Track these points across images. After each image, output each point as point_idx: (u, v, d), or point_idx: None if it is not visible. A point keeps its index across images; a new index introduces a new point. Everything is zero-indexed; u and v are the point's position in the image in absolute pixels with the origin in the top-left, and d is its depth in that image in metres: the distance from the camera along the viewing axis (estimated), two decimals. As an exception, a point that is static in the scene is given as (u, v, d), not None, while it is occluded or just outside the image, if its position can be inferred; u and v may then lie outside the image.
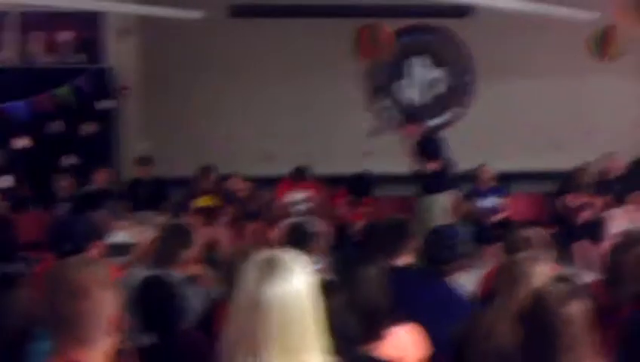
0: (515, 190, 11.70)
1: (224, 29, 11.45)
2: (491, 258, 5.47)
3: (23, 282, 4.26)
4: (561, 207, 11.11)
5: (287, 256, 2.65)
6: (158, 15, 10.26)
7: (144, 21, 11.11)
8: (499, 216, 10.90)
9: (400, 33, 12.18)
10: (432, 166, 9.75)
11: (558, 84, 12.33)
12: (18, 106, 10.62)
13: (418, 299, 4.35)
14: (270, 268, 2.55)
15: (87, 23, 11.30)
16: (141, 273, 4.91)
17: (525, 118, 12.33)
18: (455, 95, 12.65)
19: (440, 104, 12.63)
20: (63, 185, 10.38)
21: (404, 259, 4.73)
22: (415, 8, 11.20)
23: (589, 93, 12.36)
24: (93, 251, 5.48)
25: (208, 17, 10.22)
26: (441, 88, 12.66)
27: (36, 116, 10.71)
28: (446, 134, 12.09)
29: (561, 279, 4.28)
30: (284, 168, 11.09)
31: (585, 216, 10.83)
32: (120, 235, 9.93)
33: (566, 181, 11.20)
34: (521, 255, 4.20)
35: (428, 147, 9.93)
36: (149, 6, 10.42)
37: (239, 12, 11.21)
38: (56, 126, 10.90)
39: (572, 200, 11.02)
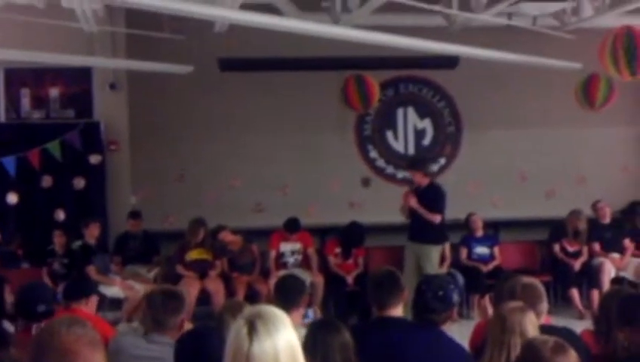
0: (506, 238, 11.73)
1: (213, 82, 11.54)
2: (482, 308, 5.43)
3: (11, 341, 4.23)
4: (553, 254, 11.10)
5: (274, 311, 2.65)
6: (149, 70, 10.34)
7: (133, 75, 11.18)
8: (490, 265, 10.88)
9: (387, 84, 12.35)
10: (437, 218, 9.66)
11: (547, 133, 12.46)
12: (8, 162, 10.63)
13: (410, 350, 4.34)
14: (258, 324, 2.55)
15: (77, 78, 11.35)
16: (131, 339, 4.86)
17: (514, 167, 12.43)
18: (442, 145, 12.73)
19: (427, 155, 12.68)
20: (56, 240, 10.35)
21: (396, 311, 4.73)
22: (402, 60, 11.30)
23: (578, 141, 12.50)
24: (87, 307, 5.47)
25: (197, 71, 10.30)
26: (428, 139, 12.73)
27: (26, 171, 10.72)
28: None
29: (553, 329, 4.30)
30: (274, 219, 11.09)
31: (578, 263, 10.84)
32: (111, 290, 9.91)
33: (558, 228, 11.22)
34: (513, 305, 4.20)
35: (434, 198, 9.82)
36: (138, 61, 10.50)
37: (228, 66, 11.29)
38: (46, 181, 10.88)
39: (565, 247, 11.03)
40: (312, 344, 3.94)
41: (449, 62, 11.25)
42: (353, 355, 4.01)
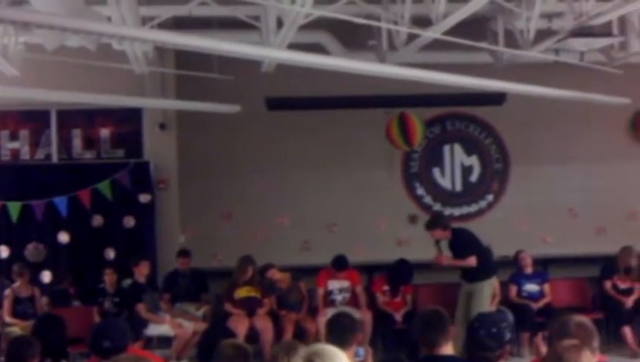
0: (556, 275, 11.57)
1: (260, 121, 11.65)
2: (536, 347, 5.37)
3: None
4: (605, 291, 10.94)
5: (332, 349, 2.67)
6: (198, 110, 10.48)
7: (182, 115, 11.35)
8: (540, 303, 10.75)
9: (433, 121, 12.37)
10: (470, 262, 9.74)
11: (596, 168, 12.35)
12: (60, 202, 10.81)
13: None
14: (317, 362, 2.57)
15: (127, 119, 11.55)
16: None
17: (563, 203, 12.32)
18: (489, 181, 12.67)
19: (474, 191, 12.64)
20: (106, 278, 10.47)
21: (446, 349, 4.71)
22: (448, 97, 11.33)
23: (628, 176, 12.34)
24: (133, 348, 5.52)
25: (245, 111, 10.41)
26: (475, 175, 12.69)
27: (77, 211, 10.89)
28: (482, 221, 12.16)
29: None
30: (321, 257, 11.09)
31: (630, 300, 10.66)
32: (160, 328, 9.97)
33: (609, 265, 11.05)
34: (569, 343, 4.14)
35: (460, 245, 9.93)
36: (187, 101, 10.66)
37: (275, 105, 11.40)
38: (97, 220, 11.04)
39: (616, 284, 10.87)
40: None
41: (496, 98, 11.25)
42: None
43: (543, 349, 5.09)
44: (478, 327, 4.48)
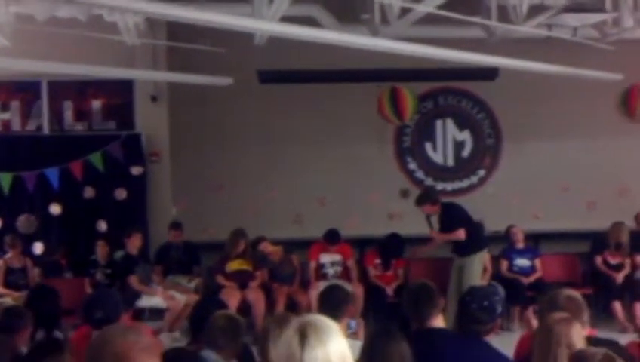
0: (547, 250, 11.63)
1: (252, 94, 11.61)
2: (526, 320, 5.42)
3: (66, 348, 4.31)
4: (595, 267, 11.00)
5: (324, 320, 2.67)
6: (189, 82, 10.44)
7: (173, 88, 11.31)
8: (531, 278, 10.80)
9: (426, 96, 12.36)
10: (459, 235, 9.84)
11: (588, 144, 12.37)
12: (51, 173, 10.79)
13: (457, 360, 4.33)
14: (309, 333, 2.57)
15: (118, 91, 11.52)
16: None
17: (554, 178, 12.34)
18: (481, 157, 12.69)
19: (466, 166, 12.66)
20: (98, 250, 10.47)
21: (436, 321, 4.74)
22: (441, 72, 11.29)
23: (620, 152, 12.36)
24: (125, 319, 5.54)
25: (237, 83, 10.38)
26: (467, 150, 12.70)
27: (69, 182, 10.87)
28: (474, 196, 12.19)
29: (598, 341, 4.27)
30: (313, 231, 11.13)
31: (621, 276, 10.72)
32: (152, 300, 10.00)
33: (600, 240, 11.10)
34: (559, 316, 4.18)
35: (449, 219, 10.01)
36: (179, 73, 10.61)
37: (267, 78, 11.35)
38: (88, 192, 11.02)
39: (607, 260, 10.92)
40: (371, 352, 3.97)
41: (488, 73, 11.22)
42: None
43: (534, 323, 5.15)
44: (470, 301, 4.52)
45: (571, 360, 3.47)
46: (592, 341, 4.23)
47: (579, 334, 4.04)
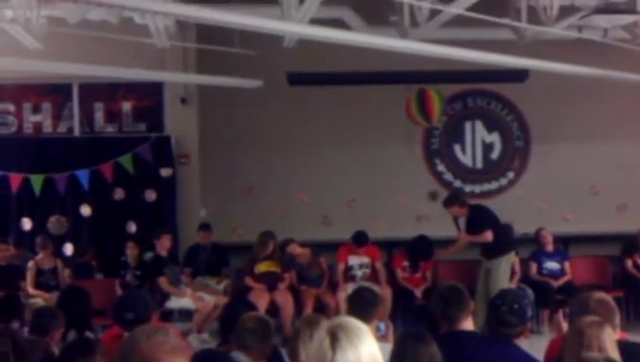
0: (576, 253, 11.55)
1: (282, 96, 11.63)
2: (557, 324, 5.38)
3: (98, 349, 4.35)
4: (626, 270, 10.92)
5: (355, 322, 2.68)
6: (219, 84, 10.49)
7: (203, 90, 11.37)
8: (560, 281, 10.74)
9: (455, 98, 12.33)
10: (487, 236, 9.78)
11: (618, 146, 12.25)
12: (82, 175, 10.88)
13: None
14: (340, 335, 2.58)
15: (148, 93, 11.61)
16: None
17: (584, 181, 12.25)
18: (510, 159, 12.63)
19: (495, 168, 12.61)
20: (128, 252, 10.56)
21: (466, 324, 4.73)
22: (470, 74, 11.26)
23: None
24: (153, 319, 5.58)
25: (266, 86, 10.42)
26: (496, 152, 12.66)
27: (99, 184, 10.96)
28: (502, 199, 12.13)
29: (630, 345, 4.24)
30: (341, 233, 11.12)
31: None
32: (181, 301, 10.05)
33: (630, 243, 11.02)
34: (590, 319, 4.15)
35: (476, 221, 9.97)
36: (209, 75, 10.66)
37: (296, 80, 11.38)
38: (119, 194, 11.11)
39: (637, 262, 10.83)
40: (402, 354, 3.98)
41: (518, 75, 11.16)
42: None
43: (564, 326, 5.11)
44: (500, 304, 4.50)
45: None
46: (622, 345, 4.20)
47: (610, 338, 4.02)
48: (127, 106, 11.66)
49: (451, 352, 4.19)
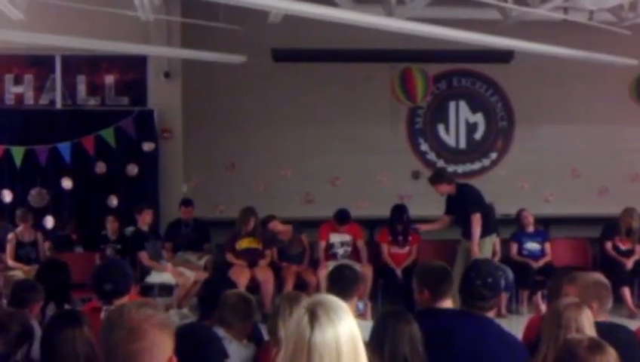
0: (557, 235, 11.61)
1: (266, 72, 11.59)
2: (535, 304, 5.41)
3: (83, 320, 4.33)
4: (605, 252, 10.98)
5: (335, 300, 2.66)
6: (203, 59, 10.42)
7: (187, 64, 11.29)
8: (540, 262, 10.79)
9: (440, 78, 12.32)
10: (476, 219, 9.78)
11: (601, 129, 12.32)
12: (63, 148, 10.81)
13: (460, 336, 4.31)
14: (319, 313, 2.57)
15: (132, 66, 11.52)
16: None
17: (566, 163, 12.31)
18: (493, 139, 12.66)
19: (478, 149, 12.63)
20: (109, 225, 10.51)
21: (446, 303, 4.73)
22: (455, 53, 11.26)
23: (633, 138, 12.32)
24: (133, 293, 5.56)
25: (250, 62, 10.37)
26: (480, 133, 12.67)
27: (81, 157, 10.89)
28: (485, 179, 12.15)
29: (610, 326, 4.27)
30: (324, 210, 11.12)
31: (631, 261, 10.70)
32: (162, 276, 10.03)
33: (610, 226, 11.07)
34: (569, 301, 4.18)
35: (465, 202, 9.97)
36: (193, 50, 10.59)
37: (281, 56, 11.34)
38: (100, 167, 11.04)
39: (617, 245, 10.90)
40: (381, 332, 4.00)
41: (503, 56, 11.18)
42: (420, 346, 4.05)
43: (543, 307, 5.14)
44: (474, 277, 4.49)
45: (559, 349, 3.46)
46: (603, 326, 4.23)
47: (589, 319, 4.04)
48: (110, 79, 11.57)
49: (429, 328, 4.20)
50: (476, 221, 9.80)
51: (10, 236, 10.17)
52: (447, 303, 4.73)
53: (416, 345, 4.05)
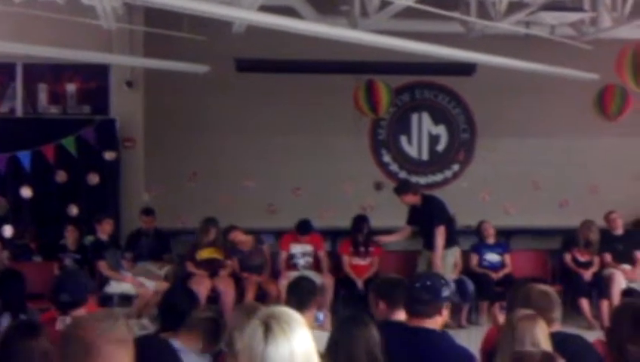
0: (517, 246, 11.71)
1: (229, 82, 11.57)
2: (493, 316, 5.44)
3: (41, 331, 4.26)
4: (565, 264, 11.08)
5: (289, 312, 2.66)
6: (166, 69, 10.38)
7: (150, 74, 11.22)
8: (500, 273, 10.86)
9: (402, 90, 12.38)
10: (440, 231, 9.86)
11: (561, 142, 12.46)
12: (23, 156, 10.68)
13: (407, 348, 4.32)
14: (273, 325, 2.56)
15: (94, 75, 11.43)
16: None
17: (527, 175, 12.41)
18: (456, 151, 12.73)
19: (440, 160, 12.70)
20: (68, 235, 10.40)
21: (403, 314, 4.73)
22: (418, 66, 11.33)
23: (592, 151, 12.47)
24: (90, 303, 5.51)
25: (214, 71, 10.34)
26: (442, 144, 12.75)
27: (41, 166, 10.77)
28: (447, 190, 12.22)
29: (566, 337, 4.30)
30: (286, 221, 11.12)
31: (589, 273, 10.80)
32: (121, 286, 9.95)
33: (570, 238, 11.19)
34: (523, 313, 4.20)
35: (431, 213, 10.04)
36: (156, 59, 10.54)
37: (245, 66, 11.32)
38: (61, 176, 10.92)
39: (576, 257, 11.00)
40: (337, 337, 3.97)
41: (466, 69, 11.27)
42: (378, 351, 3.99)
43: (500, 318, 5.16)
44: (414, 281, 4.53)
45: (511, 361, 3.47)
46: (558, 336, 4.25)
47: (544, 331, 4.07)
48: (71, 88, 11.46)
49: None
50: (440, 233, 9.88)
51: (-32, 245, 10.03)
52: (403, 315, 4.75)
53: (372, 349, 3.98)
